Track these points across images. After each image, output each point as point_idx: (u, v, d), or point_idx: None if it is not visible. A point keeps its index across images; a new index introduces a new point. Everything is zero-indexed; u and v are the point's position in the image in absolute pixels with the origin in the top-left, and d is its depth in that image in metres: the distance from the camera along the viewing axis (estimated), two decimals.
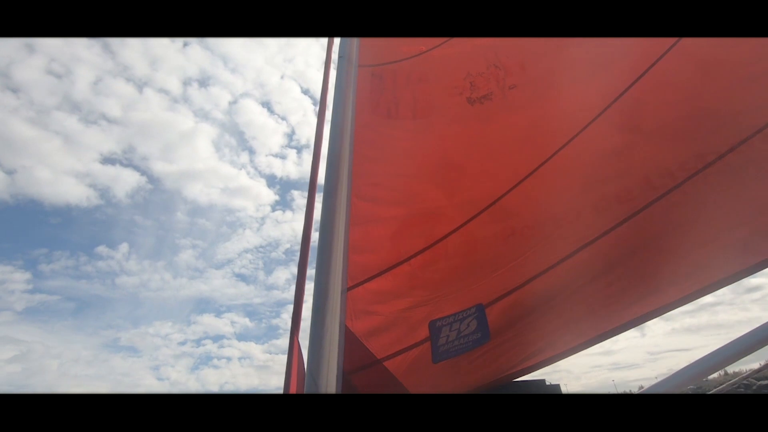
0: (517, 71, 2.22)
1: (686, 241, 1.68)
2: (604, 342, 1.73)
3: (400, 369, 1.81)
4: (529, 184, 2.01)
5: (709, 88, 1.85)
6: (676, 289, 1.65)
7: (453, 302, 1.87)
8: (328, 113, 1.53)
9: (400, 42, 2.48)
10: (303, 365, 1.46)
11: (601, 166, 1.93)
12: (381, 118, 2.25)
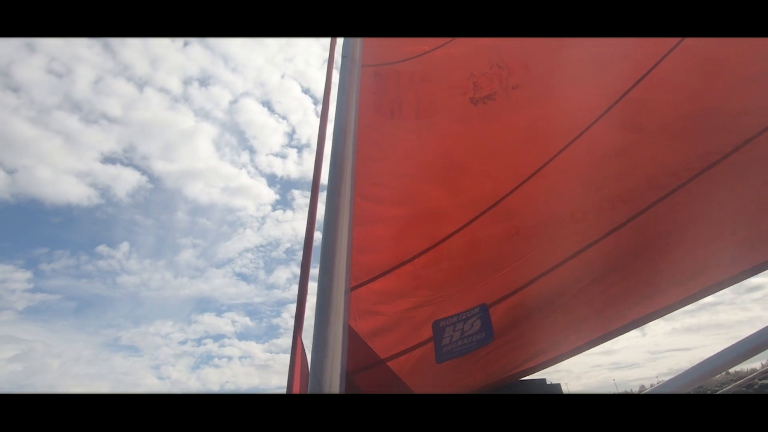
0: (520, 71, 2.22)
1: (690, 240, 1.68)
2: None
3: (403, 369, 1.81)
4: (533, 184, 2.01)
5: (713, 88, 1.84)
6: (681, 289, 1.64)
7: (457, 302, 1.87)
8: (331, 113, 1.53)
9: (404, 42, 2.48)
10: (306, 365, 1.47)
11: (604, 166, 1.92)
12: (384, 118, 2.26)
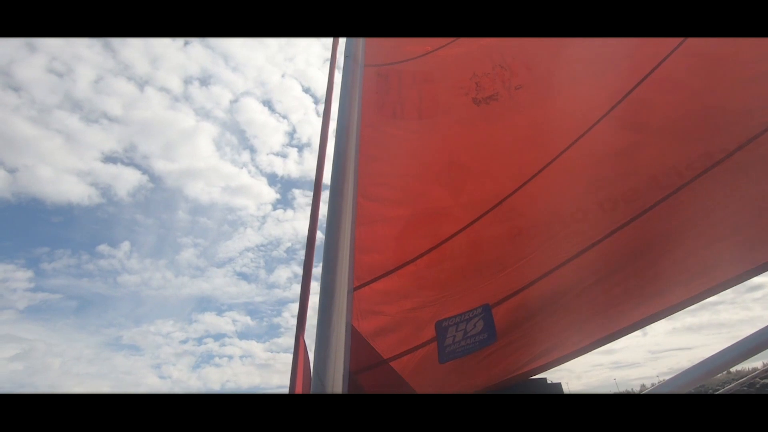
0: (523, 72, 2.21)
1: (694, 240, 1.67)
2: None
3: (406, 369, 1.81)
4: (536, 184, 2.00)
5: (716, 87, 1.83)
6: (684, 289, 1.63)
7: (459, 302, 1.86)
8: (333, 113, 1.53)
9: (406, 42, 2.48)
10: (309, 365, 1.47)
11: (607, 166, 1.92)
12: (386, 118, 2.26)
